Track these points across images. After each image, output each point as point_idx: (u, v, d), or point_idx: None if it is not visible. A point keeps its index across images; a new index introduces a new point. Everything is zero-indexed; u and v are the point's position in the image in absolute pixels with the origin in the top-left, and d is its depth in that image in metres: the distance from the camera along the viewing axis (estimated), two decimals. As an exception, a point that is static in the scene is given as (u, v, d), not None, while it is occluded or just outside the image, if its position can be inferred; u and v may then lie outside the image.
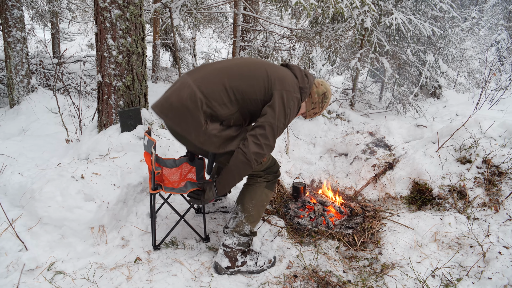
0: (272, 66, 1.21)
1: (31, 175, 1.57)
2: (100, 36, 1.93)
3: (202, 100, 1.12)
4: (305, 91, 1.25)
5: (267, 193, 1.32)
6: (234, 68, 1.19)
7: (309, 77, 1.27)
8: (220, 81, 1.15)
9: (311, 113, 1.34)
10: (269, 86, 1.15)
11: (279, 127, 1.15)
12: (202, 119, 1.14)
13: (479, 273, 1.25)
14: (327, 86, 1.32)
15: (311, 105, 1.32)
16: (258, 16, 3.41)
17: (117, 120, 2.02)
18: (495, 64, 4.92)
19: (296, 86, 1.21)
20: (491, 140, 1.79)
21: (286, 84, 1.17)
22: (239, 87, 1.15)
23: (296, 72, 1.25)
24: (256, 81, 1.16)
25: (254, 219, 1.31)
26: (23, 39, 3.14)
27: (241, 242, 1.30)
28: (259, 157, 1.14)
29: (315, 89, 1.30)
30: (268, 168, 1.33)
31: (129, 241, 1.45)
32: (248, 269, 1.30)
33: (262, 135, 1.12)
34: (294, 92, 1.18)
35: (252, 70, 1.18)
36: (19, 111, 3.01)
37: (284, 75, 1.19)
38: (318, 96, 1.30)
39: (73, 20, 6.59)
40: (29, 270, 1.22)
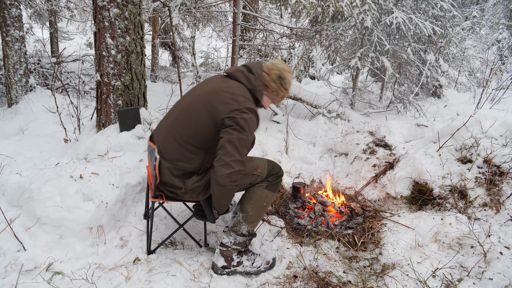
0: (211, 93, 1.15)
1: (29, 175, 1.56)
2: (99, 35, 1.91)
3: (170, 168, 1.16)
4: (258, 88, 1.19)
5: (267, 194, 1.30)
6: (179, 119, 1.17)
7: (255, 72, 1.20)
8: (175, 141, 1.16)
9: (278, 99, 1.27)
10: (215, 117, 1.11)
11: (241, 139, 1.09)
12: (179, 183, 1.16)
13: (480, 273, 1.25)
14: (280, 66, 1.23)
15: (273, 93, 1.25)
16: (257, 15, 3.40)
17: (116, 119, 2.01)
18: (496, 63, 4.90)
19: (244, 93, 1.15)
20: (492, 140, 1.78)
21: (230, 104, 1.11)
22: (191, 137, 1.14)
23: (239, 77, 1.19)
24: (202, 123, 1.13)
25: (253, 219, 1.29)
26: (21, 38, 3.13)
27: (238, 242, 1.29)
28: (233, 176, 1.08)
29: (267, 77, 1.22)
30: (268, 175, 1.31)
31: (128, 242, 1.45)
32: (244, 269, 1.29)
33: (225, 154, 1.08)
34: (241, 104, 1.11)
35: (192, 114, 1.14)
36: (17, 111, 3.00)
37: (226, 94, 1.13)
38: (274, 83, 1.23)
39: (72, 19, 6.57)
40: (28, 271, 1.22)
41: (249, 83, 1.19)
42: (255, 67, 1.22)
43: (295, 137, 2.52)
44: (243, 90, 1.17)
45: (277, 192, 1.37)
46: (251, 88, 1.19)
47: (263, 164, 1.31)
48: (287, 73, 1.24)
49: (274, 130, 2.71)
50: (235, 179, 1.11)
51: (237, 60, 3.27)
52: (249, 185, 1.30)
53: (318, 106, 3.12)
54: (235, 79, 1.21)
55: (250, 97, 1.18)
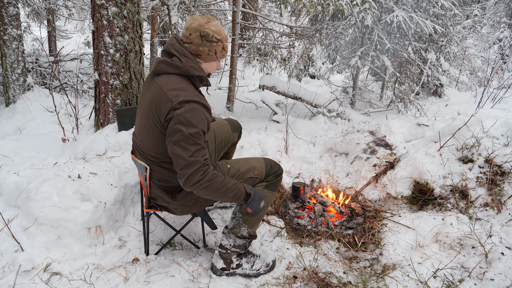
0: (149, 105, 1.04)
1: (27, 175, 1.55)
2: (97, 34, 1.90)
3: (157, 184, 1.11)
4: (187, 66, 1.02)
5: (267, 194, 1.25)
6: (143, 141, 1.10)
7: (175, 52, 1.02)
8: (150, 162, 1.10)
9: (220, 55, 1.08)
10: (160, 126, 1.01)
11: (183, 138, 0.96)
12: (169, 198, 1.12)
13: (481, 274, 1.24)
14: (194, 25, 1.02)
15: (209, 56, 1.06)
16: (257, 14, 3.38)
17: (114, 119, 2.00)
18: (498, 62, 4.88)
19: (175, 83, 1.00)
20: (493, 139, 1.77)
21: (164, 106, 0.98)
22: (159, 154, 1.06)
23: (164, 69, 1.03)
24: (158, 138, 1.03)
25: (253, 221, 1.25)
26: (19, 37, 3.11)
27: (237, 244, 1.26)
28: (192, 180, 0.97)
29: (193, 46, 1.03)
30: (267, 175, 1.26)
31: (127, 242, 1.44)
32: (243, 272, 1.27)
33: (176, 165, 0.98)
34: (175, 98, 0.97)
35: (148, 133, 1.06)
36: (14, 110, 2.98)
37: (158, 98, 1.00)
38: (202, 46, 1.03)
39: (70, 18, 6.55)
40: (25, 271, 1.21)
41: (177, 68, 1.02)
42: (173, 46, 1.04)
43: (295, 136, 2.51)
44: (174, 81, 1.01)
45: (277, 191, 1.33)
46: (183, 71, 1.03)
47: (260, 164, 1.25)
48: (207, 25, 1.03)
49: (273, 129, 2.69)
50: (196, 179, 0.98)
51: (237, 59, 3.26)
52: None
53: (318, 105, 3.11)
54: (162, 73, 1.05)
55: (185, 83, 1.02)
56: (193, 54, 1.06)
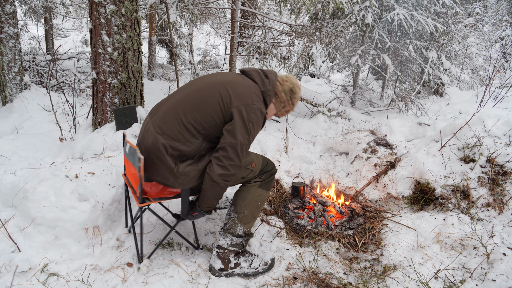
0: (226, 82, 1.15)
1: (24, 175, 1.54)
2: (95, 32, 1.88)
3: (166, 145, 1.12)
4: (269, 93, 1.21)
5: (261, 193, 1.28)
6: (188, 98, 1.15)
7: (270, 78, 1.22)
8: (177, 120, 1.13)
9: (283, 112, 1.30)
10: (226, 106, 1.11)
11: (243, 144, 1.12)
12: (171, 163, 1.13)
13: (483, 275, 1.23)
14: (293, 81, 1.27)
15: (281, 105, 1.27)
16: (256, 12, 3.35)
17: (112, 118, 1.98)
18: (500, 60, 4.85)
19: (257, 93, 1.17)
20: (495, 139, 1.75)
21: (243, 98, 1.12)
22: (196, 119, 1.12)
23: (255, 77, 1.21)
24: (212, 107, 1.12)
25: (248, 220, 1.27)
26: (16, 35, 3.08)
27: (234, 243, 1.27)
28: (227, 178, 1.13)
29: (280, 87, 1.25)
30: (261, 172, 1.29)
31: (125, 242, 1.42)
32: (242, 271, 1.27)
33: (225, 157, 1.10)
34: (254, 103, 1.13)
35: (205, 96, 1.13)
36: (11, 109, 2.96)
37: (241, 87, 1.14)
38: (285, 94, 1.25)
39: (67, 16, 6.50)
40: (22, 272, 1.20)
41: (263, 85, 1.21)
42: (270, 74, 1.24)
43: (294, 136, 2.50)
44: (257, 90, 1.19)
45: (270, 191, 1.36)
46: (264, 91, 1.21)
47: (258, 159, 1.29)
48: (299, 90, 1.28)
49: (273, 128, 2.68)
50: (229, 180, 1.14)
51: (236, 58, 3.23)
52: (241, 179, 1.27)
53: (318, 104, 3.08)
54: (250, 78, 1.21)
55: (262, 99, 1.20)
56: (276, 92, 1.26)
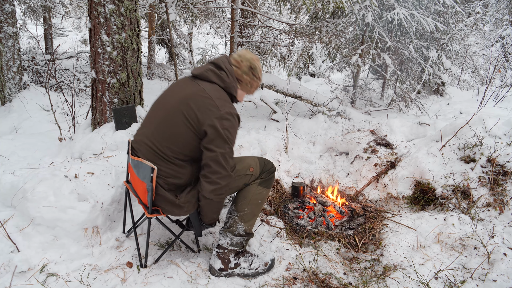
0: (188, 98, 1.08)
1: (23, 175, 1.53)
2: (94, 31, 1.87)
3: (160, 183, 1.12)
4: (231, 84, 1.14)
5: (261, 191, 1.26)
6: (159, 133, 1.11)
7: (225, 68, 1.13)
8: (159, 158, 1.11)
9: (252, 90, 1.24)
10: (195, 126, 1.06)
11: (225, 154, 1.07)
12: (172, 197, 1.13)
13: (484, 275, 1.22)
14: (248, 56, 1.18)
15: (247, 86, 1.20)
16: (256, 11, 3.34)
17: (111, 118, 1.98)
18: (500, 60, 4.83)
19: (220, 95, 1.10)
20: (495, 139, 1.74)
21: (209, 110, 1.05)
22: (175, 151, 1.09)
23: (210, 77, 1.12)
24: (184, 134, 1.07)
25: (249, 218, 1.26)
26: (15, 34, 3.08)
27: (234, 243, 1.25)
28: (219, 191, 1.10)
29: (239, 71, 1.17)
30: (261, 172, 1.28)
31: (124, 243, 1.42)
32: (242, 271, 1.26)
33: (211, 172, 1.08)
34: (221, 109, 1.05)
35: (172, 127, 1.08)
36: (10, 109, 2.95)
37: (202, 99, 1.07)
38: (247, 75, 1.18)
39: (66, 15, 6.49)
40: (21, 272, 1.19)
41: (222, 82, 1.13)
42: (223, 63, 1.15)
43: (294, 135, 2.49)
44: (219, 92, 1.11)
45: (270, 188, 1.33)
46: (225, 86, 1.14)
47: (255, 162, 1.27)
48: (257, 62, 1.20)
49: (273, 128, 2.67)
50: (221, 193, 1.11)
51: (236, 57, 3.21)
52: (243, 185, 1.27)
53: (318, 104, 3.08)
54: (206, 80, 1.13)
55: (227, 97, 1.13)
56: (237, 78, 1.19)
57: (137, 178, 1.21)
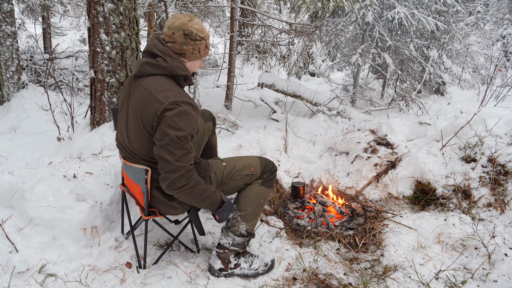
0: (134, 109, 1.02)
1: (21, 174, 1.53)
2: (93, 30, 1.86)
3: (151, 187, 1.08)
4: (173, 66, 1.00)
5: (263, 191, 1.24)
6: (130, 145, 1.07)
7: (158, 52, 1.00)
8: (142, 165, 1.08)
9: (203, 53, 1.07)
10: (150, 130, 0.99)
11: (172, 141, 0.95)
12: (166, 198, 1.10)
13: (484, 275, 1.22)
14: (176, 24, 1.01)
15: (194, 53, 1.04)
16: (256, 10, 3.33)
17: (110, 117, 1.97)
18: (501, 59, 4.82)
19: (162, 83, 0.99)
20: (496, 138, 1.74)
21: (153, 107, 0.96)
22: (149, 157, 1.05)
23: (148, 71, 1.01)
24: (148, 142, 1.01)
25: (251, 217, 1.24)
26: (13, 33, 3.06)
27: (236, 243, 1.24)
28: (174, 186, 0.98)
29: (177, 46, 1.02)
30: (263, 172, 1.27)
31: (123, 243, 1.41)
32: (242, 272, 1.25)
33: (160, 168, 0.98)
34: (164, 99, 0.95)
35: (136, 138, 1.04)
36: (9, 108, 2.93)
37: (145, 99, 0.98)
38: (186, 45, 1.02)
39: (65, 14, 6.46)
40: (20, 273, 1.18)
41: (163, 69, 1.00)
42: (155, 46, 1.01)
43: (294, 135, 2.48)
44: (161, 83, 1.00)
45: (273, 188, 1.31)
46: (168, 72, 1.01)
47: (255, 162, 1.25)
48: (190, 24, 1.02)
49: (272, 128, 2.66)
50: (180, 186, 0.99)
51: (235, 57, 3.21)
52: (244, 185, 1.26)
53: (318, 103, 3.07)
54: (145, 75, 1.03)
55: (171, 84, 1.01)
56: (177, 53, 1.04)
57: (131, 181, 1.21)
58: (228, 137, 2.26)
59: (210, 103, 3.53)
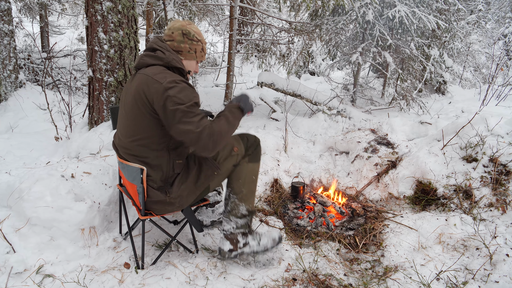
0: (136, 91, 1.05)
1: (19, 174, 1.52)
2: (91, 29, 1.85)
3: (147, 183, 1.09)
4: (171, 58, 1.08)
5: (253, 167, 1.24)
6: (125, 131, 1.09)
7: (158, 47, 1.09)
8: (136, 159, 1.09)
9: (199, 54, 1.16)
10: (152, 111, 1.03)
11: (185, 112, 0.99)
12: (162, 195, 1.10)
13: (486, 276, 1.21)
14: (176, 25, 1.12)
15: (190, 54, 1.13)
16: (255, 9, 3.31)
17: (108, 116, 1.96)
18: (503, 58, 4.80)
19: (161, 70, 1.05)
20: (498, 138, 1.72)
21: (153, 88, 1.01)
22: (146, 146, 1.06)
23: (148, 61, 1.08)
24: (147, 126, 1.05)
25: (247, 197, 1.25)
26: (11, 32, 3.04)
27: (240, 225, 1.26)
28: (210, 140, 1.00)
29: (175, 43, 1.12)
30: (246, 149, 1.25)
31: (121, 243, 1.40)
32: (251, 249, 1.26)
33: (190, 144, 1.02)
34: (163, 79, 1.01)
35: (133, 121, 1.06)
36: (6, 108, 2.92)
37: (145, 84, 1.03)
38: (184, 43, 1.12)
39: (63, 13, 6.43)
40: (17, 273, 1.18)
41: (160, 60, 1.08)
42: (155, 43, 1.11)
43: (294, 135, 2.47)
44: (158, 69, 1.06)
45: (260, 160, 1.30)
46: (165, 63, 1.09)
47: (236, 140, 1.24)
48: (189, 26, 1.14)
49: (272, 127, 2.65)
50: (212, 141, 1.01)
51: (234, 56, 3.19)
52: (233, 167, 1.24)
53: (318, 103, 3.05)
54: (145, 66, 1.09)
55: (169, 71, 1.08)
56: (175, 50, 1.13)
57: (127, 180, 1.20)
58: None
59: (209, 102, 3.52)
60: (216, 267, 1.29)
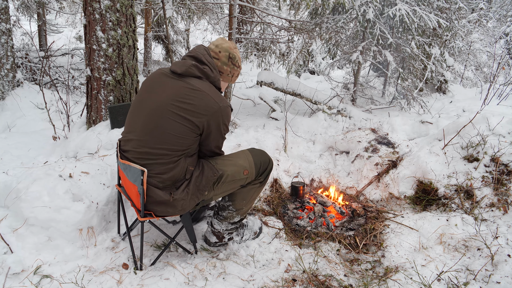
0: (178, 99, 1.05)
1: (16, 174, 1.50)
2: (89, 28, 1.83)
3: (153, 182, 1.10)
4: (216, 78, 1.15)
5: (259, 190, 1.32)
6: (146, 133, 1.08)
7: (206, 62, 1.12)
8: (151, 158, 1.09)
9: (234, 79, 1.25)
10: (193, 122, 1.06)
11: (220, 143, 1.21)
12: (165, 195, 1.10)
13: (487, 277, 1.20)
14: (225, 45, 1.17)
15: (228, 76, 1.22)
16: (255, 7, 3.29)
17: (107, 116, 1.94)
18: (504, 57, 4.78)
19: (212, 89, 1.11)
20: (499, 137, 1.71)
21: (206, 105, 1.06)
22: (170, 149, 1.07)
23: (196, 73, 1.09)
24: (182, 132, 1.07)
25: (245, 211, 1.35)
26: (8, 31, 3.02)
27: (230, 228, 1.35)
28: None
29: (219, 63, 1.17)
30: (258, 174, 1.27)
31: (119, 244, 1.39)
32: (235, 242, 1.40)
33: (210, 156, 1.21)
34: (220, 103, 1.08)
35: (162, 125, 1.06)
36: (3, 107, 2.90)
37: (197, 94, 1.06)
38: (227, 66, 1.18)
39: (61, 11, 6.39)
40: (14, 274, 1.17)
41: (208, 76, 1.13)
42: (204, 56, 1.13)
43: (294, 134, 2.45)
44: (210, 86, 1.12)
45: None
46: (211, 81, 1.14)
47: (249, 163, 1.23)
48: (235, 50, 1.20)
49: (272, 127, 2.63)
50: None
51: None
52: (239, 187, 1.25)
53: (318, 102, 3.04)
54: (192, 76, 1.10)
55: (216, 90, 1.14)
56: (218, 70, 1.20)
57: (129, 181, 1.19)
58: (227, 136, 2.23)
59: (209, 101, 3.47)
60: (215, 268, 1.28)
